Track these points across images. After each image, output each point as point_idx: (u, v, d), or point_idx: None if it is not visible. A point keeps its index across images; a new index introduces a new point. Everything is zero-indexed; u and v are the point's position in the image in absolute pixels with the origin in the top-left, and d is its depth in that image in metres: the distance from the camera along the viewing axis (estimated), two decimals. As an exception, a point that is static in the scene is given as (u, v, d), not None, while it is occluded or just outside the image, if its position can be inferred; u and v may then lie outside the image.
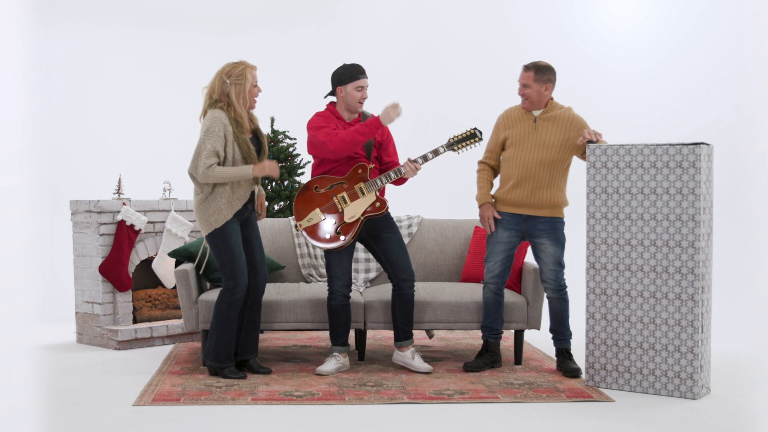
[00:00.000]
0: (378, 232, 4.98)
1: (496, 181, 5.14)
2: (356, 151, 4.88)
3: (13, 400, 4.45)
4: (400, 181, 4.98)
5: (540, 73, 4.90)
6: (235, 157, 4.67)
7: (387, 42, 8.13)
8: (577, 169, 6.27)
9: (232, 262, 4.70)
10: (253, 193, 4.84)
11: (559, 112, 4.97)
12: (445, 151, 4.85)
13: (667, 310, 4.47)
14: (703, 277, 4.44)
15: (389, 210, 5.03)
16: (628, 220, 4.58)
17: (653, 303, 4.51)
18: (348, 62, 4.96)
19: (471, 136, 4.83)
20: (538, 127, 4.94)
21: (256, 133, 4.82)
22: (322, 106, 5.08)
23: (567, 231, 6.90)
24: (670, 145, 4.46)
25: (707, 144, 4.49)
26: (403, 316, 5.02)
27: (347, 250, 4.95)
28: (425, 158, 4.84)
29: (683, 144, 4.44)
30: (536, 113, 4.97)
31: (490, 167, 5.09)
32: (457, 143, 4.84)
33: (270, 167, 4.70)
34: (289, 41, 8.29)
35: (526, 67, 4.96)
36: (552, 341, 5.10)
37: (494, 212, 4.99)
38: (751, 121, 6.61)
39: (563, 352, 5.03)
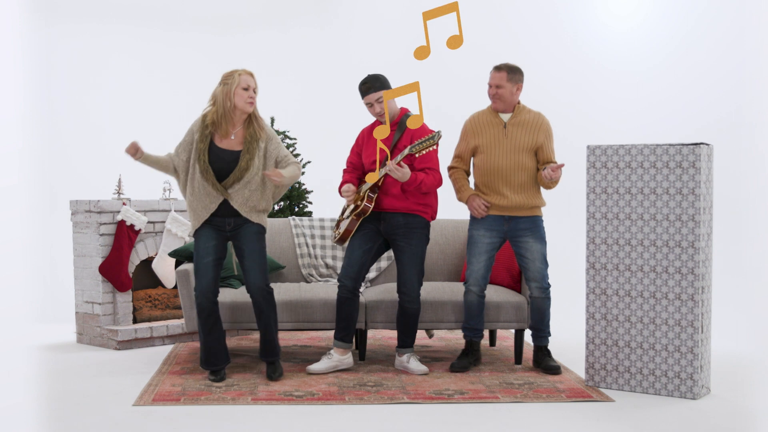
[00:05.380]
0: (395, 237, 4.97)
1: (471, 186, 5.16)
2: (374, 158, 4.95)
3: (13, 400, 4.45)
4: (406, 186, 4.87)
5: (512, 73, 4.95)
6: (193, 163, 4.69)
7: (387, 42, 8.13)
8: (577, 168, 6.28)
9: (194, 266, 4.75)
10: (233, 209, 4.68)
11: (528, 117, 5.00)
12: (409, 152, 4.80)
13: (667, 310, 4.47)
14: (703, 277, 4.44)
15: (421, 218, 4.98)
16: (628, 220, 4.58)
17: (653, 303, 4.51)
18: (371, 74, 4.96)
19: (429, 138, 4.73)
20: (508, 133, 4.96)
21: (248, 147, 4.66)
22: (321, 106, 5.09)
23: (567, 231, 6.94)
24: (670, 145, 4.46)
25: (707, 144, 4.49)
26: (402, 326, 5.03)
27: (360, 244, 4.94)
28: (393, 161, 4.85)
29: (683, 144, 4.44)
30: (505, 118, 4.99)
31: (461, 169, 5.13)
32: (416, 145, 4.76)
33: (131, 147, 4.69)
34: (290, 41, 8.29)
35: (498, 68, 4.98)
36: (531, 338, 5.13)
37: (482, 200, 4.98)
38: (751, 121, 6.61)
39: (542, 350, 5.06)
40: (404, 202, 4.92)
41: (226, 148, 4.68)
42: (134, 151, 4.68)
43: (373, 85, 4.91)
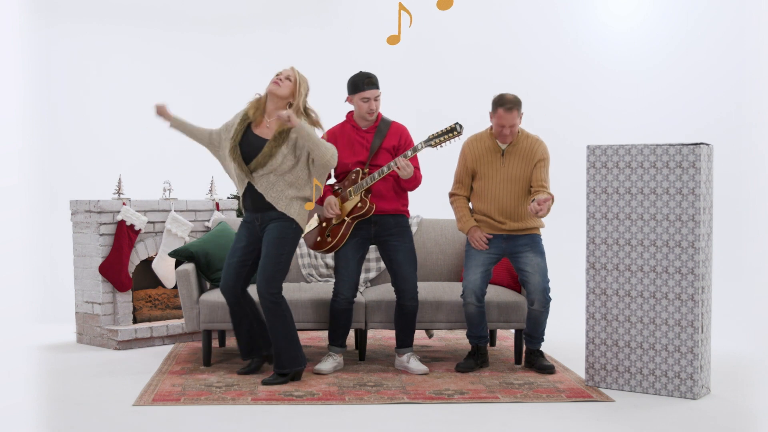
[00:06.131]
0: (388, 237, 4.97)
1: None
2: (357, 158, 4.92)
3: (13, 400, 4.45)
4: (406, 184, 4.93)
5: (519, 108, 4.90)
6: (226, 143, 4.77)
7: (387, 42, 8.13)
8: (578, 168, 6.28)
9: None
10: (263, 205, 4.67)
11: (525, 143, 5.00)
12: (423, 147, 4.82)
13: (667, 310, 4.47)
14: (703, 277, 4.44)
15: (407, 218, 5.05)
16: (628, 220, 4.58)
17: (653, 303, 4.51)
18: (364, 71, 4.96)
19: (450, 131, 4.75)
20: (505, 162, 4.98)
21: (276, 136, 4.62)
22: (321, 106, 5.07)
23: (567, 231, 6.94)
24: (670, 145, 4.46)
25: (707, 144, 4.49)
26: (401, 325, 5.03)
27: (354, 253, 4.95)
28: (405, 156, 4.84)
29: (683, 144, 4.44)
30: (503, 145, 5.00)
31: (463, 197, 5.15)
32: (435, 138, 4.79)
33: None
34: (290, 41, 8.29)
35: (509, 109, 4.84)
36: (524, 342, 5.13)
37: (482, 233, 5.02)
38: (751, 121, 6.61)
39: (535, 352, 5.07)
40: (395, 204, 4.97)
41: (259, 135, 4.71)
42: (160, 111, 4.81)
43: (374, 81, 4.92)
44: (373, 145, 4.92)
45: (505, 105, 4.85)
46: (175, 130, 4.89)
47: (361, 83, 4.89)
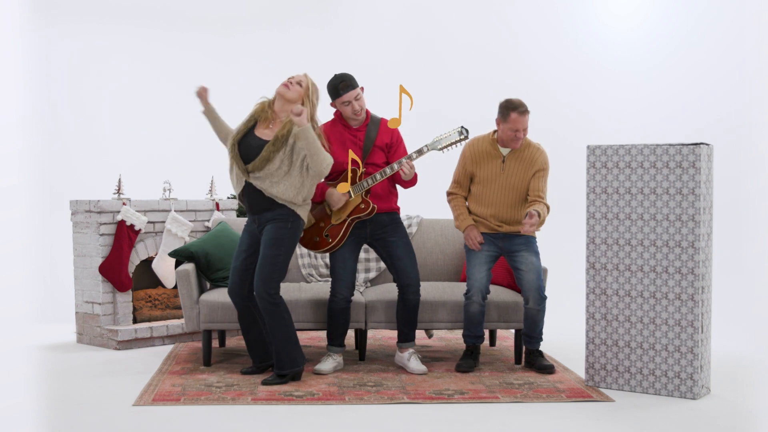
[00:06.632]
0: (384, 235, 4.99)
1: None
2: (353, 157, 4.89)
3: (13, 400, 4.45)
4: (404, 183, 4.98)
5: (529, 112, 4.93)
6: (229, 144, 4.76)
7: (387, 42, 8.13)
8: (578, 168, 6.28)
9: None
10: (260, 206, 4.66)
11: (526, 152, 5.02)
12: (428, 150, 4.87)
13: (667, 310, 4.47)
14: (703, 277, 4.44)
15: (399, 215, 5.07)
16: (628, 220, 4.58)
17: (653, 303, 4.51)
18: (338, 73, 4.89)
19: (457, 135, 4.84)
20: (506, 168, 5.00)
21: (275, 140, 4.60)
22: (320, 107, 5.06)
23: (567, 231, 6.95)
24: (670, 145, 4.47)
25: (707, 144, 4.49)
26: (405, 319, 5.03)
27: (351, 253, 4.95)
28: (410, 158, 4.85)
29: (683, 144, 4.44)
30: (504, 152, 5.03)
31: (461, 196, 5.19)
32: (441, 141, 4.85)
33: None
34: (290, 41, 8.29)
35: (523, 112, 4.86)
36: (523, 342, 5.14)
37: (478, 233, 5.07)
38: (751, 121, 6.61)
39: (534, 353, 5.08)
40: (388, 203, 5.01)
41: (259, 136, 4.68)
42: (201, 93, 4.81)
43: (350, 82, 4.86)
44: (366, 145, 4.93)
45: (519, 108, 4.88)
46: (205, 117, 4.89)
47: (338, 88, 4.85)
